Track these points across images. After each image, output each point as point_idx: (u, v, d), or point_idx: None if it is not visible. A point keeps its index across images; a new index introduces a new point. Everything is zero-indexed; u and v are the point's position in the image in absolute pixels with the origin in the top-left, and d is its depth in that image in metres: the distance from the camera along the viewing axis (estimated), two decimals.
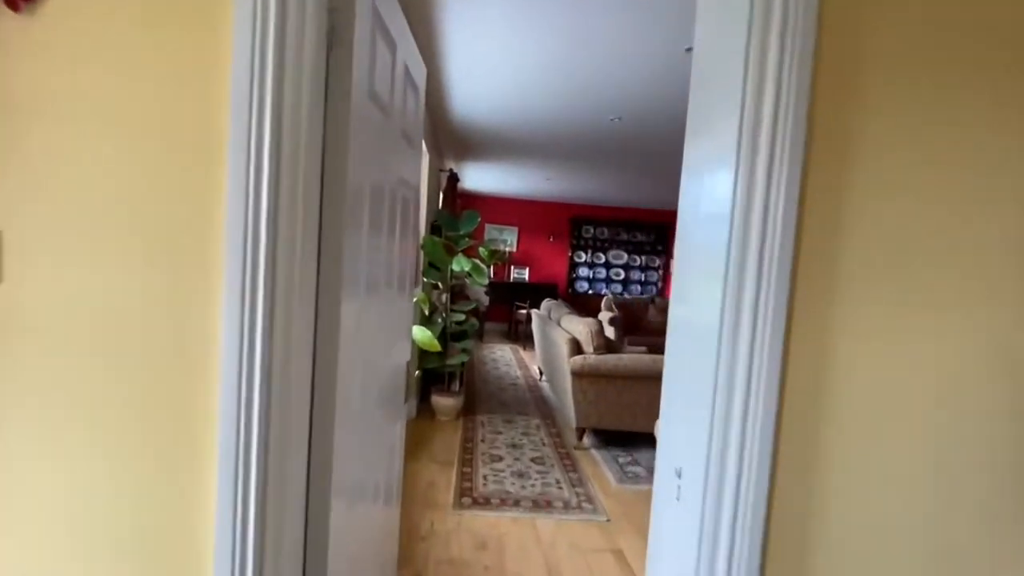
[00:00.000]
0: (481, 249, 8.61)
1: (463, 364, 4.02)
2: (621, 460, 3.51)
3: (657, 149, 4.46)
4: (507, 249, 9.07)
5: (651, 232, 9.45)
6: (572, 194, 8.14)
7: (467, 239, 3.89)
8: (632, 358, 3.57)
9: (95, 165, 0.79)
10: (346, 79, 0.93)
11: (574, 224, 9.23)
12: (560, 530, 2.55)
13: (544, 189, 7.84)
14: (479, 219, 3.92)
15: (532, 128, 4.23)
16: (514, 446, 3.61)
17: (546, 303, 5.31)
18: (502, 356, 6.85)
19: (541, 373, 5.61)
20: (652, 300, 7.16)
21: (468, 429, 3.89)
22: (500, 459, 3.37)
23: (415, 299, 3.08)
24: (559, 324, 4.34)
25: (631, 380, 3.58)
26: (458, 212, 5.46)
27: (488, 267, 8.66)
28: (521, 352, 7.24)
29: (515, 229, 9.14)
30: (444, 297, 4.08)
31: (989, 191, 0.87)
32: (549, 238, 9.24)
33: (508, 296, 8.31)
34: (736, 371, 0.86)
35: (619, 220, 9.33)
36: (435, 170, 4.99)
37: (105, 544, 0.84)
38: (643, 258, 9.48)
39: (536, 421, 4.19)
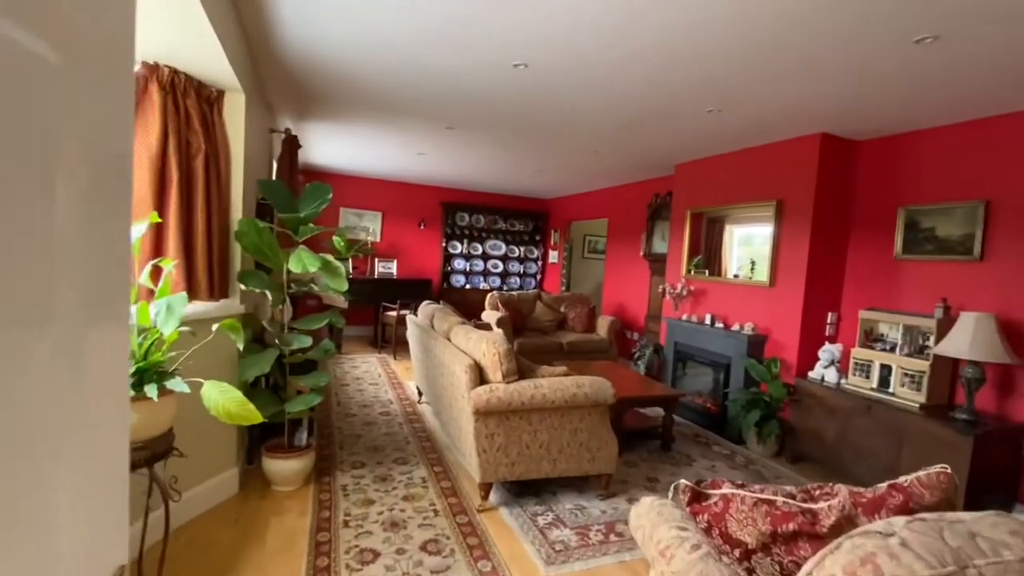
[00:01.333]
0: (336, 239, 7.11)
1: (313, 409, 2.77)
2: (540, 521, 2.64)
3: (568, 107, 3.64)
4: (370, 239, 7.65)
5: (528, 221, 8.83)
6: (444, 177, 7.06)
7: (312, 225, 2.62)
8: (552, 384, 2.70)
9: None
10: None
11: (447, 210, 8.17)
12: None
13: (413, 170, 6.64)
14: (330, 195, 2.67)
15: (408, 74, 3.08)
16: (394, 524, 2.51)
17: (425, 307, 4.21)
18: (368, 372, 5.56)
19: (420, 393, 4.51)
20: (539, 296, 6.48)
21: (323, 505, 2.66)
22: (375, 556, 2.25)
23: (215, 327, 1.79)
24: (448, 339, 3.30)
25: (549, 413, 2.72)
26: (299, 188, 4.07)
27: (347, 262, 7.19)
28: (391, 363, 6.02)
29: (378, 215, 7.75)
30: (282, 310, 2.75)
31: None
32: (420, 225, 8.03)
33: (373, 295, 6.96)
34: None
35: (495, 207, 8.51)
36: (261, 128, 3.54)
37: None
38: (522, 249, 8.83)
39: (421, 472, 3.11)
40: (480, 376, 2.71)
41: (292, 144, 3.89)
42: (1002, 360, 2.71)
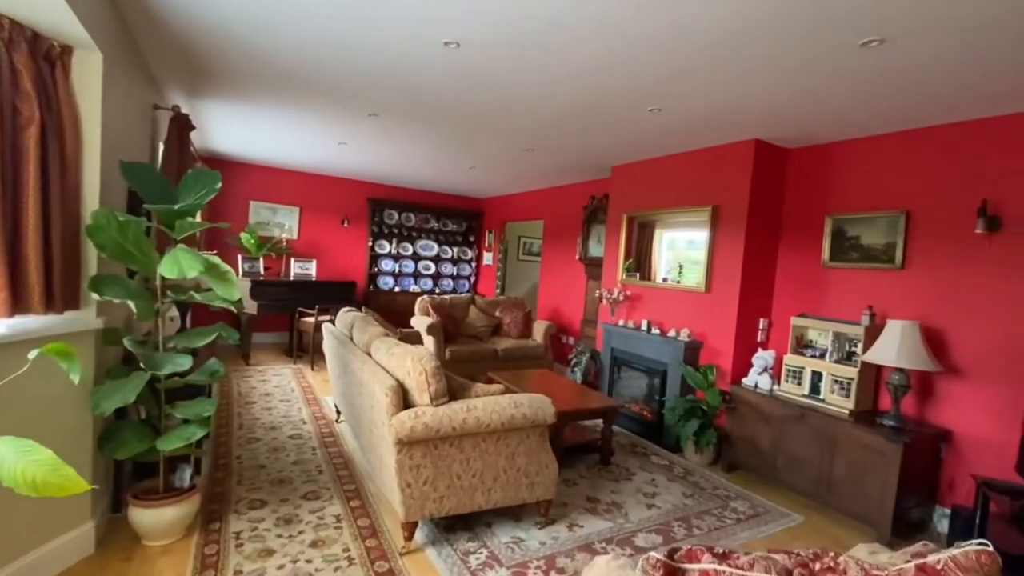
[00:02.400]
0: (244, 235, 6.38)
1: (200, 443, 2.27)
2: (473, 560, 2.33)
3: (503, 95, 3.35)
4: (285, 237, 6.94)
5: (462, 221, 8.47)
6: (370, 170, 6.55)
7: (192, 220, 2.13)
8: (487, 405, 2.40)
9: None
10: None
11: (374, 207, 7.61)
12: None
13: (334, 162, 6.07)
14: (219, 184, 2.19)
15: (321, 49, 2.64)
16: None
17: (344, 315, 3.76)
18: (280, 386, 4.96)
19: (339, 411, 4.04)
20: (472, 300, 6.15)
21: (207, 561, 2.18)
22: None
23: (32, 354, 1.31)
24: (369, 354, 2.90)
25: (484, 438, 2.42)
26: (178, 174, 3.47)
27: (257, 261, 6.47)
28: (308, 375, 5.43)
29: (295, 210, 7.05)
30: (161, 322, 2.23)
31: None
32: (343, 222, 7.42)
33: (288, 299, 6.30)
34: None
35: (427, 205, 8.07)
36: (138, 102, 2.94)
37: None
38: (455, 250, 8.45)
39: (335, 509, 2.69)
40: (404, 398, 2.35)
41: (181, 123, 3.28)
42: (928, 368, 2.77)
